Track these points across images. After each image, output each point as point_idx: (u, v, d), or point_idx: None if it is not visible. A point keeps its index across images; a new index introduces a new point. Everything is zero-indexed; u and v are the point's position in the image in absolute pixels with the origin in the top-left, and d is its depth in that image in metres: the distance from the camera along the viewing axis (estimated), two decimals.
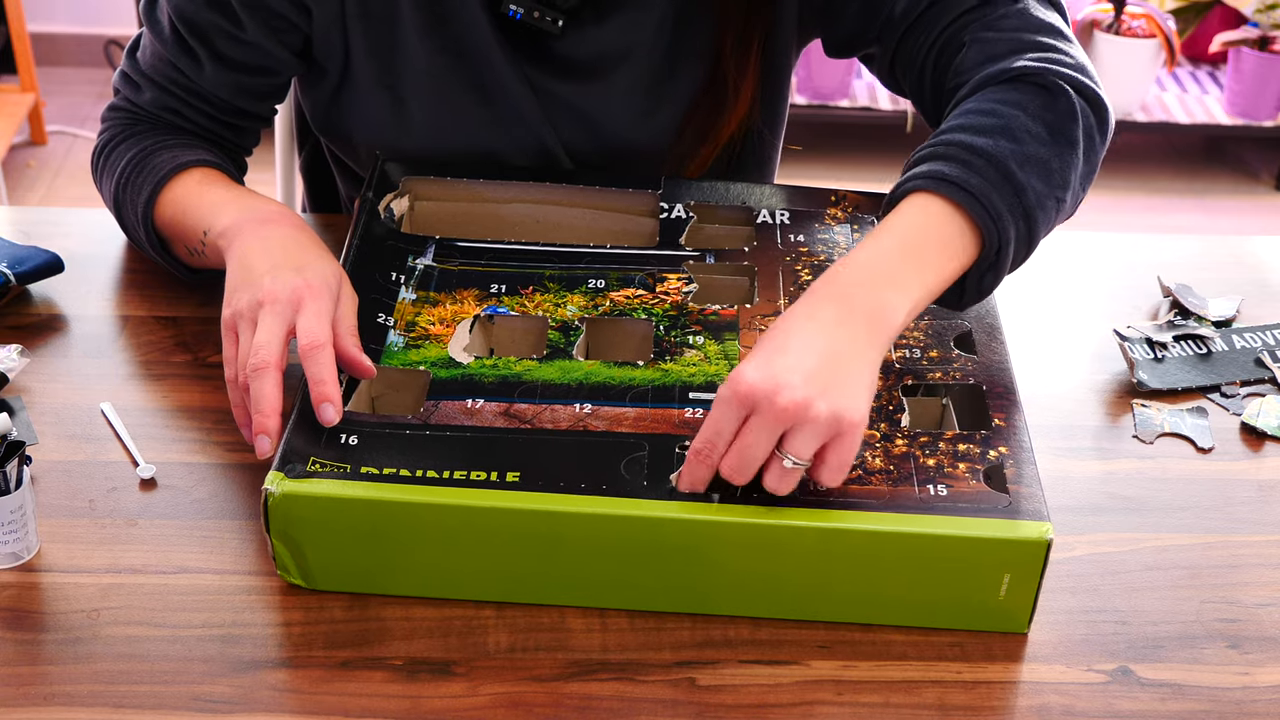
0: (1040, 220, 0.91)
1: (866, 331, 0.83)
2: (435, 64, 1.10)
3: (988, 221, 0.88)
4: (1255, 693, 0.80)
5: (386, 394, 0.92)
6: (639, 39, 1.11)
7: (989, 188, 0.88)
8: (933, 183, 0.89)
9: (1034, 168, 0.91)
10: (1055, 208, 0.92)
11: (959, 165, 0.89)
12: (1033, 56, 0.97)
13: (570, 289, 0.99)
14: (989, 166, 0.89)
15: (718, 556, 0.80)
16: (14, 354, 0.99)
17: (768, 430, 0.78)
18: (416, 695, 0.77)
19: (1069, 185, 0.93)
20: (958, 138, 0.91)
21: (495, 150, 1.14)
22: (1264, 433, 1.01)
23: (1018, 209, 0.89)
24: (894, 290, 0.85)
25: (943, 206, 0.88)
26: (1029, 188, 0.90)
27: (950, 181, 0.88)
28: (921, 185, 0.89)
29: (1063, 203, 0.93)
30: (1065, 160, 0.93)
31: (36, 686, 0.77)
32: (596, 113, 1.14)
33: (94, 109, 3.47)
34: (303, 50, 1.11)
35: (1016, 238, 0.90)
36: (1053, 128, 0.93)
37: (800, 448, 0.78)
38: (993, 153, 0.90)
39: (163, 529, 0.88)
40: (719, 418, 0.80)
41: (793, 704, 0.78)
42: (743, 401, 0.79)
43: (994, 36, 1.00)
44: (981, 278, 0.91)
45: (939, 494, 0.81)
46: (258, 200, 1.02)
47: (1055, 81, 0.95)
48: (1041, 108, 0.94)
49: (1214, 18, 3.50)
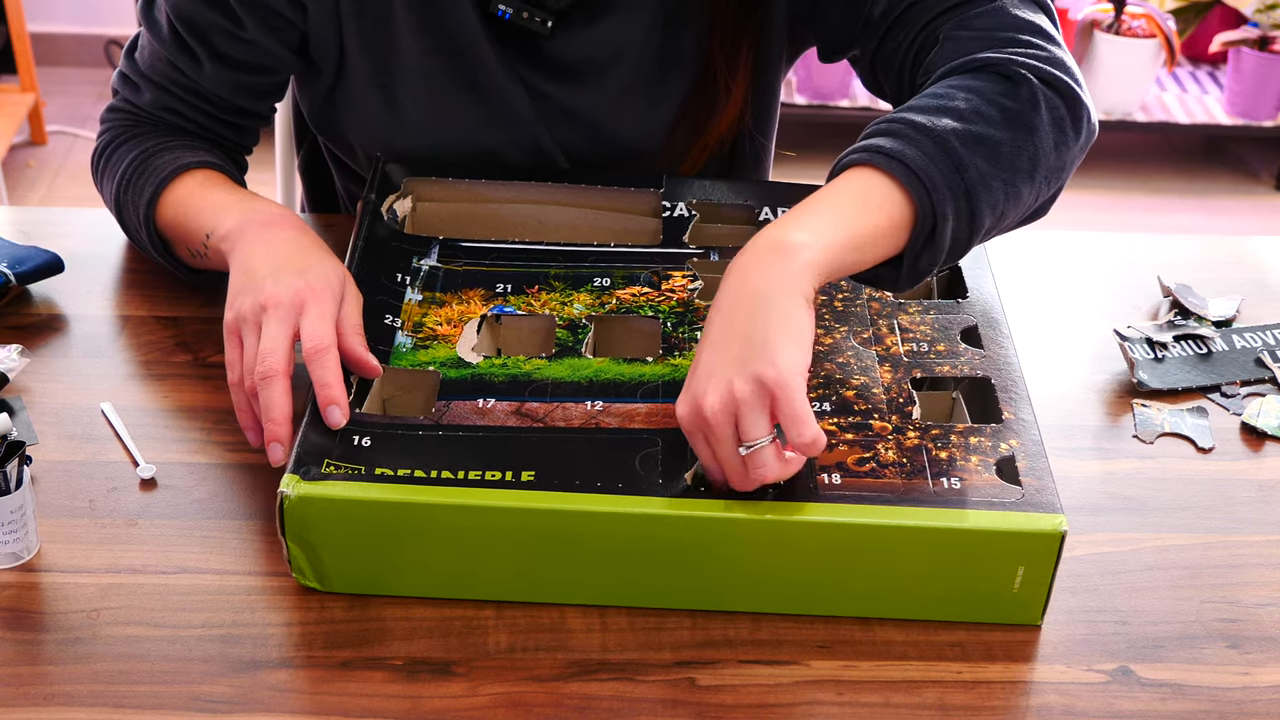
0: (984, 200, 0.88)
1: (773, 273, 0.82)
2: (428, 63, 1.10)
3: (922, 193, 0.86)
4: (1255, 693, 0.80)
5: (397, 395, 0.92)
6: (629, 41, 1.11)
7: (925, 160, 0.87)
8: (868, 155, 0.88)
9: (979, 147, 0.89)
10: (1004, 191, 0.90)
11: (898, 139, 0.88)
12: (1002, 50, 0.96)
13: (576, 288, 0.99)
14: (926, 139, 0.88)
15: (734, 552, 0.81)
16: (14, 354, 0.99)
17: (724, 442, 0.79)
18: (416, 695, 0.77)
19: (1023, 171, 0.91)
20: (902, 115, 0.90)
21: (491, 149, 1.14)
22: (1264, 433, 1.01)
23: (957, 185, 0.87)
24: (794, 230, 0.84)
25: (877, 177, 0.87)
26: (971, 164, 0.88)
27: (885, 153, 0.87)
28: (857, 159, 0.88)
29: (1014, 188, 0.90)
30: (1020, 145, 0.91)
31: (36, 686, 0.77)
32: (589, 113, 1.14)
33: (94, 109, 3.47)
34: (301, 48, 1.11)
35: (956, 214, 0.87)
36: (1009, 113, 0.91)
37: (750, 429, 0.78)
38: (932, 127, 0.88)
39: (163, 529, 0.87)
40: (696, 445, 0.81)
41: (793, 704, 0.78)
42: (691, 433, 0.81)
43: (966, 35, 0.99)
44: (919, 255, 0.88)
45: (952, 487, 0.81)
46: (260, 203, 1.02)
47: (1018, 71, 0.93)
48: (1000, 94, 0.92)
49: (1214, 18, 3.50)
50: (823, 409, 0.87)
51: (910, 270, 0.89)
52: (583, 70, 1.12)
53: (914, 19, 1.03)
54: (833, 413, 0.87)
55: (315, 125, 1.19)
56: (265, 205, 1.01)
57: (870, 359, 0.91)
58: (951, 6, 1.01)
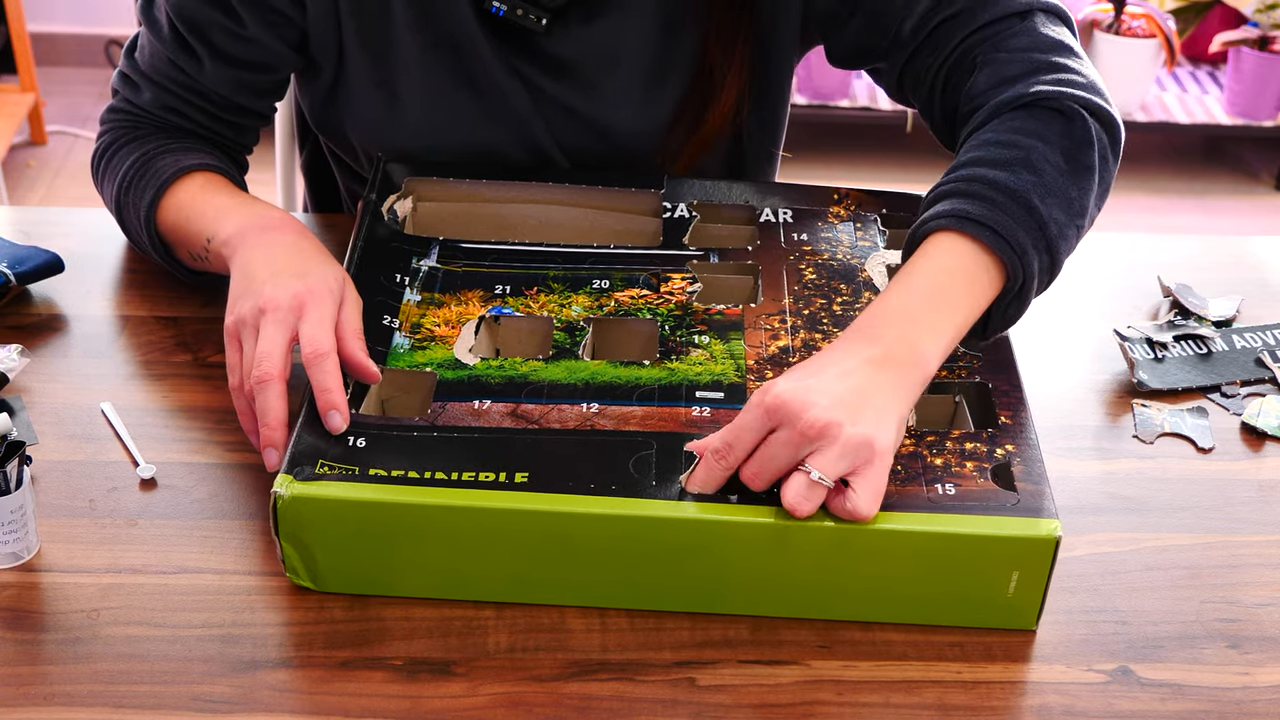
0: (1062, 250, 0.91)
1: (900, 374, 0.83)
2: (426, 60, 1.10)
3: (1013, 257, 0.89)
4: (1255, 693, 0.80)
5: (395, 396, 0.92)
6: (627, 39, 1.11)
7: (1013, 224, 0.89)
8: (957, 221, 0.89)
9: (1055, 200, 0.91)
10: (1075, 235, 0.93)
11: (982, 202, 0.90)
12: (1047, 79, 0.97)
13: (575, 289, 0.99)
14: (1011, 203, 0.89)
15: (728, 556, 0.80)
16: (14, 354, 0.99)
17: (791, 445, 0.79)
18: (416, 695, 0.77)
19: (1086, 211, 0.94)
20: (979, 172, 0.91)
21: (490, 146, 1.14)
22: (1264, 433, 1.01)
23: (1041, 242, 0.90)
24: (927, 334, 0.85)
25: (968, 246, 0.89)
26: (1051, 220, 0.90)
27: (974, 220, 0.89)
28: (946, 225, 0.89)
29: (1082, 229, 0.94)
30: (1083, 188, 0.93)
31: (36, 686, 0.77)
32: (586, 110, 1.14)
33: (94, 109, 3.47)
34: (301, 45, 1.11)
35: (1040, 269, 0.90)
36: (1070, 156, 0.93)
37: (826, 465, 0.78)
38: (1015, 188, 0.90)
39: (163, 529, 0.87)
40: (744, 424, 0.80)
41: (793, 704, 0.78)
42: (770, 413, 0.80)
43: (1006, 57, 1.00)
44: (1005, 310, 0.91)
45: (947, 493, 0.81)
46: (260, 207, 1.02)
47: (1070, 106, 0.95)
48: (1059, 135, 0.94)
49: (1214, 18, 3.50)
50: None
51: (998, 326, 0.92)
52: (580, 68, 1.12)
53: (944, 38, 1.03)
54: None
55: (316, 124, 1.19)
56: (266, 209, 1.01)
57: None
58: (983, 25, 1.01)
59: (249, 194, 1.07)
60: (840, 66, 1.15)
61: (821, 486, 0.78)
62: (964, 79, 1.02)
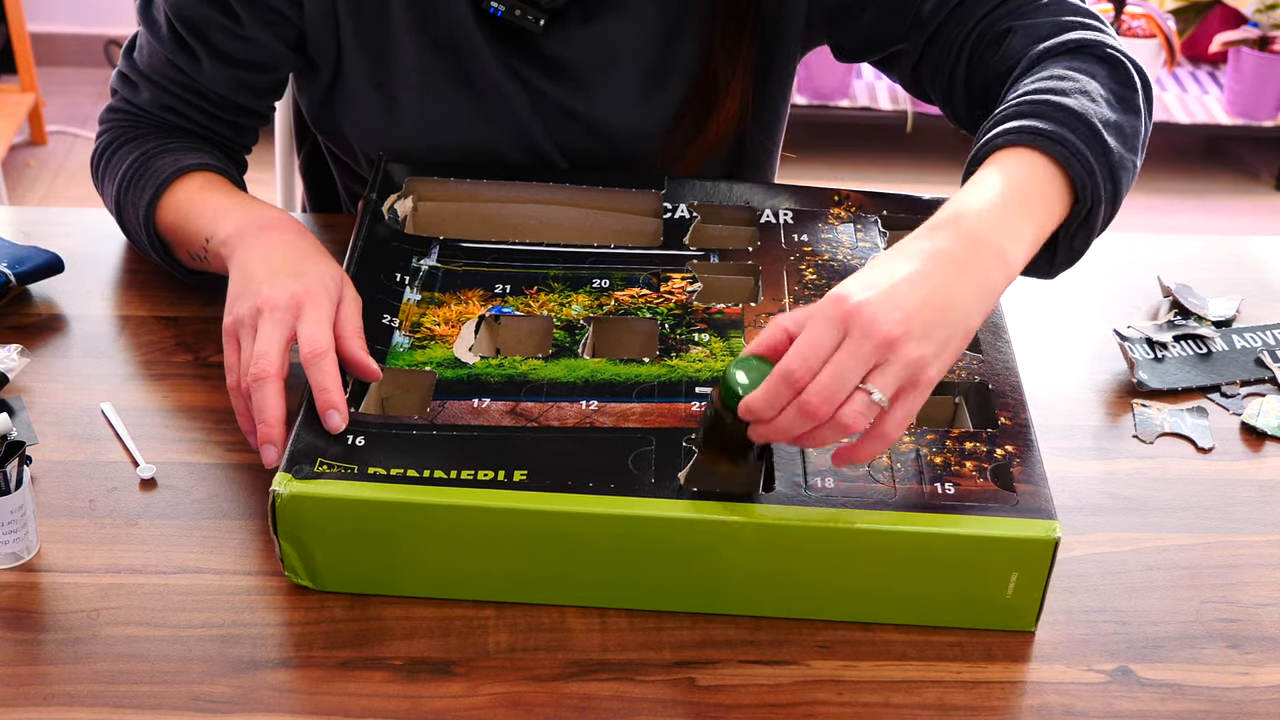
0: (1124, 181, 0.89)
1: (983, 279, 0.79)
2: (425, 61, 1.10)
3: (1084, 177, 0.86)
4: (1255, 693, 0.80)
5: (395, 395, 0.92)
6: (627, 42, 1.11)
7: (1082, 144, 0.87)
8: (1027, 136, 0.87)
9: (1113, 130, 0.89)
10: (1132, 170, 0.91)
11: (1052, 121, 0.87)
12: (1084, 32, 0.97)
13: (575, 289, 0.99)
14: (1079, 123, 0.87)
15: (726, 555, 0.80)
16: (14, 354, 0.99)
17: (862, 357, 0.74)
18: (416, 695, 0.77)
19: (1139, 151, 0.92)
20: (1044, 96, 0.89)
21: (488, 147, 1.14)
22: (1264, 433, 1.01)
23: (1105, 168, 0.87)
24: (1010, 236, 0.82)
25: (1038, 159, 0.86)
26: (1113, 149, 0.88)
27: (1045, 135, 0.86)
28: (1014, 140, 0.87)
29: (1136, 168, 0.92)
30: (1135, 126, 0.92)
31: (36, 686, 0.77)
32: (586, 112, 1.14)
33: (94, 109, 3.47)
34: (299, 45, 1.11)
35: (1104, 196, 0.88)
36: (1118, 95, 0.92)
37: (886, 384, 0.74)
38: (1080, 111, 0.88)
39: (163, 529, 0.87)
40: (817, 337, 0.75)
41: (793, 704, 0.78)
42: (846, 319, 0.74)
43: (1036, 23, 0.99)
44: (1073, 238, 0.89)
45: (946, 492, 0.81)
46: (259, 207, 1.02)
47: (1111, 54, 0.95)
48: (1106, 76, 0.93)
49: (1214, 18, 3.50)
50: None
51: (1065, 254, 0.90)
52: (579, 69, 1.12)
53: (967, 14, 1.03)
54: None
55: (315, 125, 1.19)
56: (264, 209, 1.01)
57: None
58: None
59: (247, 194, 1.07)
60: (850, 60, 1.14)
61: (877, 407, 0.75)
62: (993, 49, 1.01)
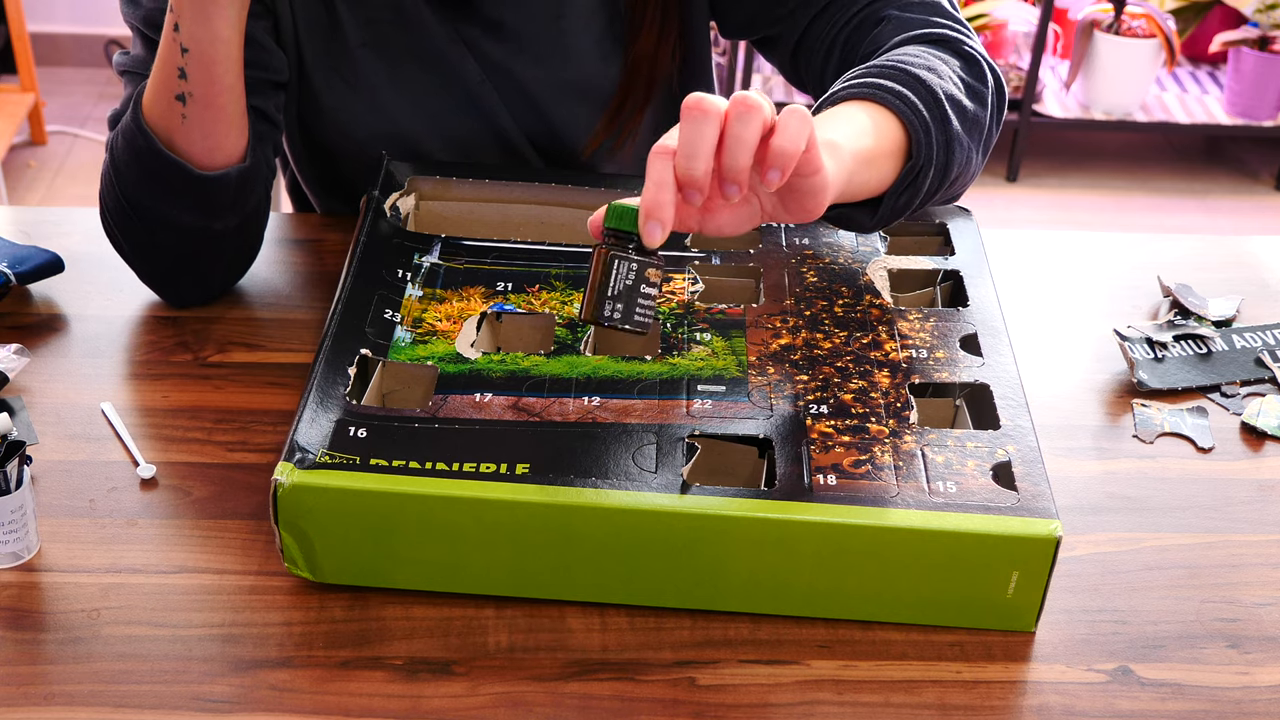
0: (956, 156, 0.94)
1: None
2: (370, 34, 1.13)
3: (919, 133, 0.91)
4: (1255, 693, 0.80)
5: (396, 390, 0.92)
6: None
7: (921, 105, 0.92)
8: (870, 90, 0.92)
9: (955, 107, 0.95)
10: (967, 154, 0.96)
11: (897, 82, 0.93)
12: (950, 30, 1.04)
13: (576, 288, 0.99)
14: (921, 88, 0.93)
15: (726, 552, 0.80)
16: (14, 354, 0.99)
17: (747, 121, 0.76)
18: (416, 695, 0.77)
19: (978, 140, 0.97)
20: (893, 63, 0.95)
21: (444, 116, 1.16)
22: (1264, 433, 1.01)
23: (941, 137, 0.93)
24: (831, 129, 0.86)
25: (878, 111, 0.91)
26: (952, 121, 0.93)
27: (888, 91, 0.92)
28: (857, 93, 0.92)
29: (970, 154, 0.96)
30: (979, 116, 0.97)
31: (36, 686, 0.77)
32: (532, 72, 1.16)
33: (94, 109, 3.47)
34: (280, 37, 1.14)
35: (936, 163, 0.92)
36: (968, 85, 0.98)
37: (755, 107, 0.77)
38: (925, 80, 0.94)
39: (163, 529, 0.88)
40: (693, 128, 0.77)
41: (793, 704, 0.78)
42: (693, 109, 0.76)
43: (910, 17, 1.06)
44: (899, 196, 0.92)
45: (947, 491, 0.81)
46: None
47: (970, 51, 1.01)
48: (960, 67, 0.99)
49: (1214, 18, 3.51)
50: (820, 411, 0.87)
51: (888, 210, 0.93)
52: (520, 29, 1.14)
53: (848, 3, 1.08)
54: (830, 415, 0.87)
55: (287, 129, 1.20)
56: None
57: (869, 364, 0.91)
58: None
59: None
60: (732, 37, 1.19)
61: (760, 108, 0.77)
62: (864, 38, 1.06)
